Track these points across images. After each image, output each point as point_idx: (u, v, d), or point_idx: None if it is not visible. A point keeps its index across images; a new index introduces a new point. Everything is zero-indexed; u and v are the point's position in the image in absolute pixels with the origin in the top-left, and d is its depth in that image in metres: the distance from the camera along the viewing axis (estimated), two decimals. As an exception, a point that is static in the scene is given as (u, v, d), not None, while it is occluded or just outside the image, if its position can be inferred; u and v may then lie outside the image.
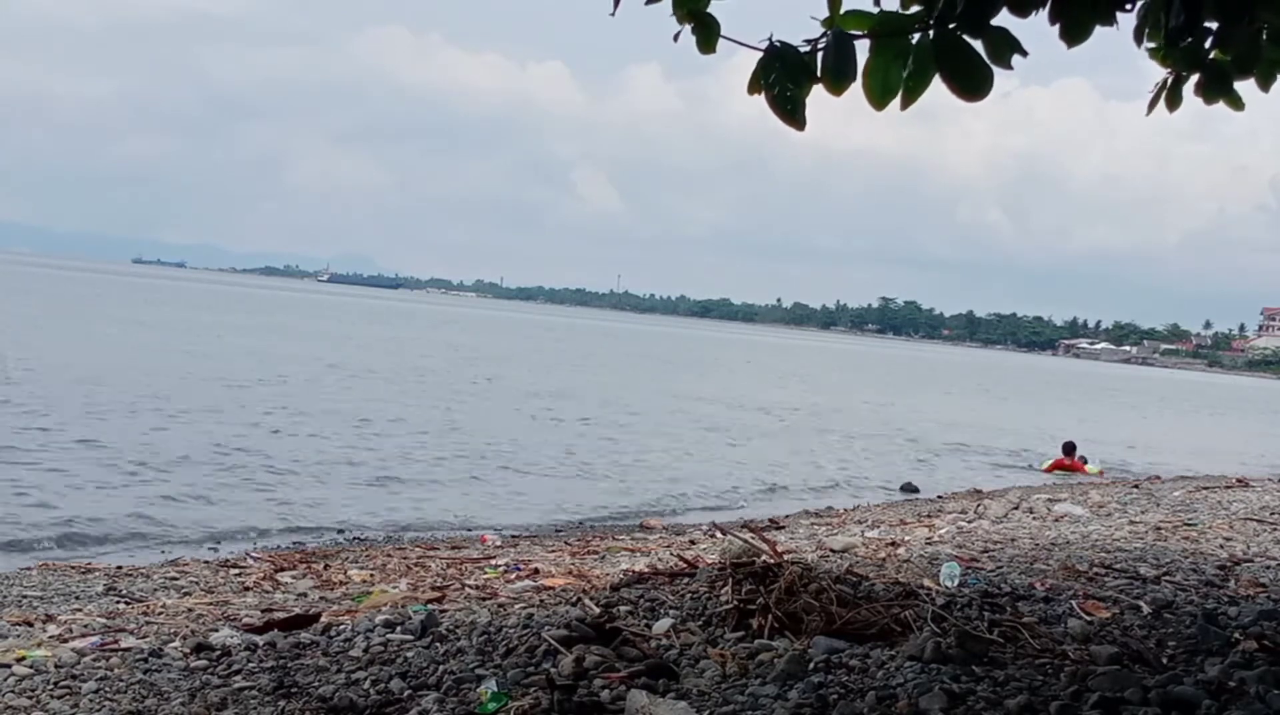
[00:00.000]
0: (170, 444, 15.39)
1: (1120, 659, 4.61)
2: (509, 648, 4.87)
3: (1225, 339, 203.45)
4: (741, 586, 5.28)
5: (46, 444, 14.66)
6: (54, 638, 5.85)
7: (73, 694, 4.52)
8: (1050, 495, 13.94)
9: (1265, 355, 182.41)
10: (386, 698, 4.35)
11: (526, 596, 6.67)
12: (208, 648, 5.21)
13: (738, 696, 4.17)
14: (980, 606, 5.46)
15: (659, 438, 22.11)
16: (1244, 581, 6.94)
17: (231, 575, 8.50)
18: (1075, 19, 3.26)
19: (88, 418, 17.31)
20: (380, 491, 13.78)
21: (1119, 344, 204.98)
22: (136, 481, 12.82)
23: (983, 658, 4.52)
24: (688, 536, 11.18)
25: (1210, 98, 3.78)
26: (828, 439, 24.76)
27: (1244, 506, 12.28)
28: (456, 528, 11.84)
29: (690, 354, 70.93)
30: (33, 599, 7.43)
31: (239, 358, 32.48)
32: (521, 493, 14.63)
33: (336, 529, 11.30)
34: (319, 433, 18.15)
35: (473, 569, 8.70)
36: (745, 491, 16.22)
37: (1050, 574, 6.97)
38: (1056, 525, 10.72)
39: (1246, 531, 9.90)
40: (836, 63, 3.09)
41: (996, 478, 19.92)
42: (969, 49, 3.03)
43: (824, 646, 4.64)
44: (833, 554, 8.37)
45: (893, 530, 10.99)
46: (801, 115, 3.18)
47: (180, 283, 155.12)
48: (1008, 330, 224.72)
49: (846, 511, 14.19)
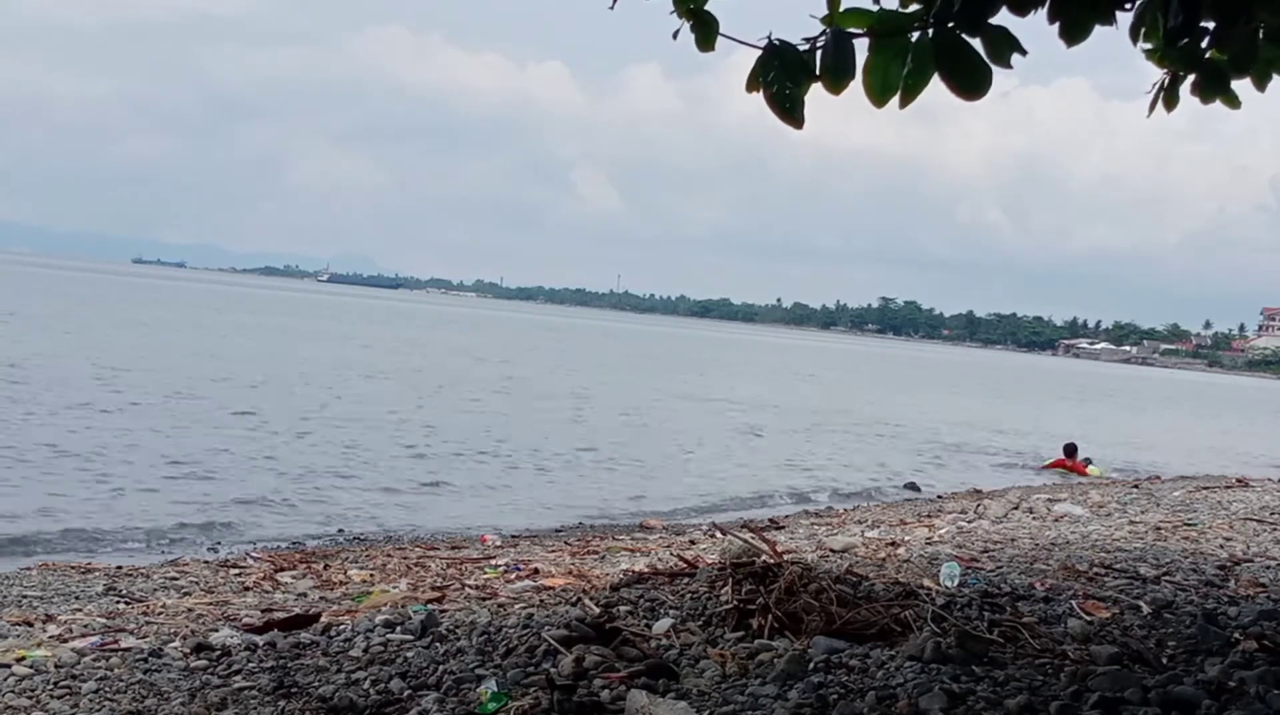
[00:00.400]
0: (176, 444, 15.45)
1: (1120, 659, 4.61)
2: (509, 648, 4.87)
3: (1225, 339, 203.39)
4: (741, 586, 5.28)
5: (55, 442, 14.73)
6: (54, 638, 5.85)
7: (73, 694, 4.52)
8: (1050, 495, 13.94)
9: (1265, 355, 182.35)
10: (386, 698, 4.35)
11: (526, 596, 6.67)
12: (208, 648, 5.21)
13: (738, 696, 4.17)
14: (980, 606, 5.46)
15: (676, 438, 22.34)
16: (1244, 581, 6.94)
17: (231, 575, 8.50)
18: (1074, 18, 3.25)
19: (91, 418, 17.33)
20: (417, 495, 13.86)
21: (1119, 344, 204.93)
22: (138, 481, 12.83)
23: (983, 658, 4.52)
24: (688, 536, 11.17)
25: (1207, 97, 3.78)
26: (829, 439, 24.77)
27: (1244, 506, 12.28)
28: (477, 529, 11.86)
29: (697, 354, 71.08)
30: (33, 599, 7.43)
31: (258, 359, 32.45)
32: (559, 489, 14.94)
33: (337, 529, 11.31)
34: (353, 435, 18.28)
35: (473, 569, 8.70)
36: (747, 492, 16.24)
37: (1050, 574, 6.96)
38: (1056, 525, 10.72)
39: (1246, 531, 9.90)
40: (835, 61, 3.09)
41: (996, 478, 19.91)
42: (968, 48, 3.03)
43: (824, 646, 4.64)
44: (833, 554, 8.37)
45: (893, 530, 10.99)
46: (800, 113, 3.18)
47: (181, 283, 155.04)
48: (1008, 330, 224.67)
49: (846, 511, 14.19)
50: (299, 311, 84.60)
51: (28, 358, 25.22)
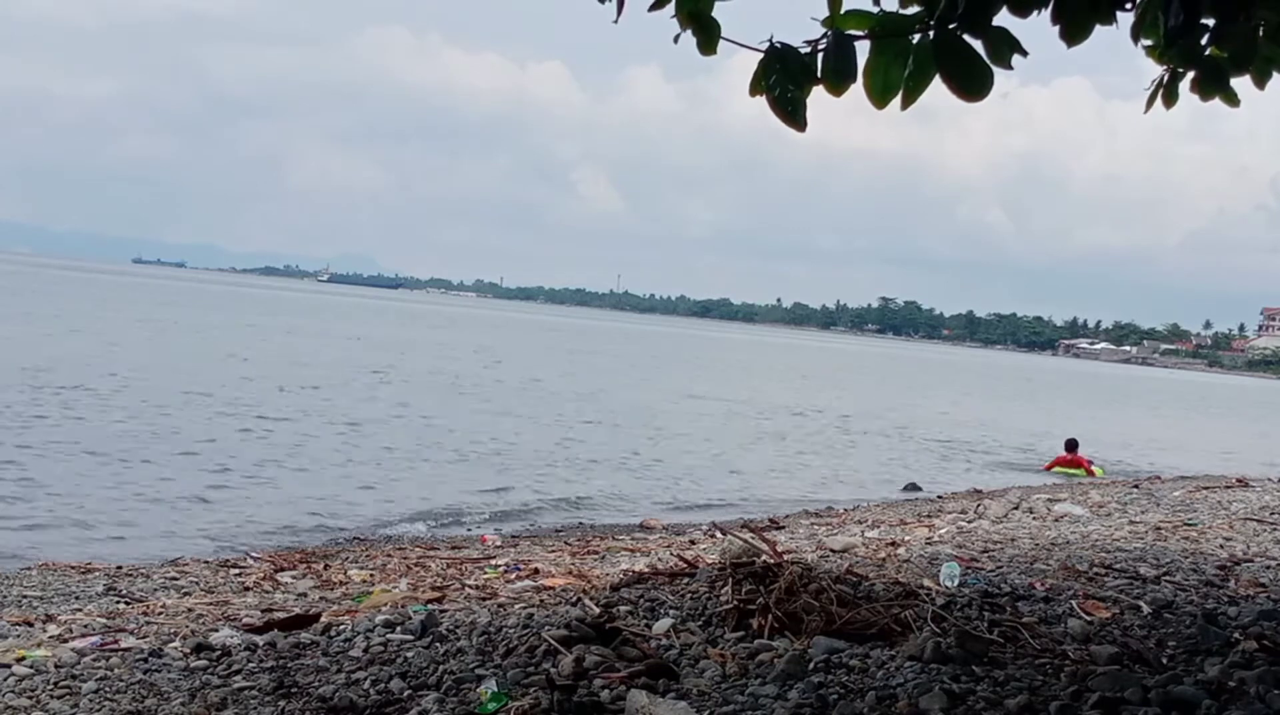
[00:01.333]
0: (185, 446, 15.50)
1: (1120, 659, 4.61)
2: (509, 648, 4.87)
3: (1225, 339, 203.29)
4: (741, 586, 5.28)
5: (63, 439, 14.83)
6: (54, 638, 5.85)
7: (73, 694, 4.52)
8: (1050, 495, 13.94)
9: (1265, 355, 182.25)
10: (386, 698, 4.35)
11: (526, 596, 6.67)
12: (208, 648, 5.21)
13: (738, 696, 4.17)
14: (980, 606, 5.46)
15: (678, 438, 22.47)
16: (1244, 581, 6.94)
17: (231, 575, 8.50)
18: (1075, 19, 3.25)
19: (95, 418, 17.32)
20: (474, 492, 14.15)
21: (1119, 344, 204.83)
22: (138, 482, 12.83)
23: (983, 658, 4.52)
24: (688, 536, 11.18)
25: (1206, 94, 3.78)
26: (831, 439, 24.77)
27: (1244, 506, 12.27)
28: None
29: (705, 355, 71.19)
30: (33, 599, 7.44)
31: (280, 363, 32.45)
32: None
33: (337, 529, 11.31)
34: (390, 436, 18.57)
35: (473, 569, 8.70)
36: (748, 492, 16.26)
37: (1050, 574, 6.96)
38: (1056, 525, 10.72)
39: (1246, 531, 9.89)
40: (837, 63, 3.09)
41: (996, 478, 19.91)
42: (969, 49, 3.03)
43: (824, 646, 4.64)
44: (833, 554, 8.37)
45: (893, 530, 10.99)
46: (802, 116, 3.18)
47: (182, 283, 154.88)
48: (1008, 330, 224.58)
49: (846, 511, 14.19)
50: (309, 313, 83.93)
51: (52, 359, 25.12)
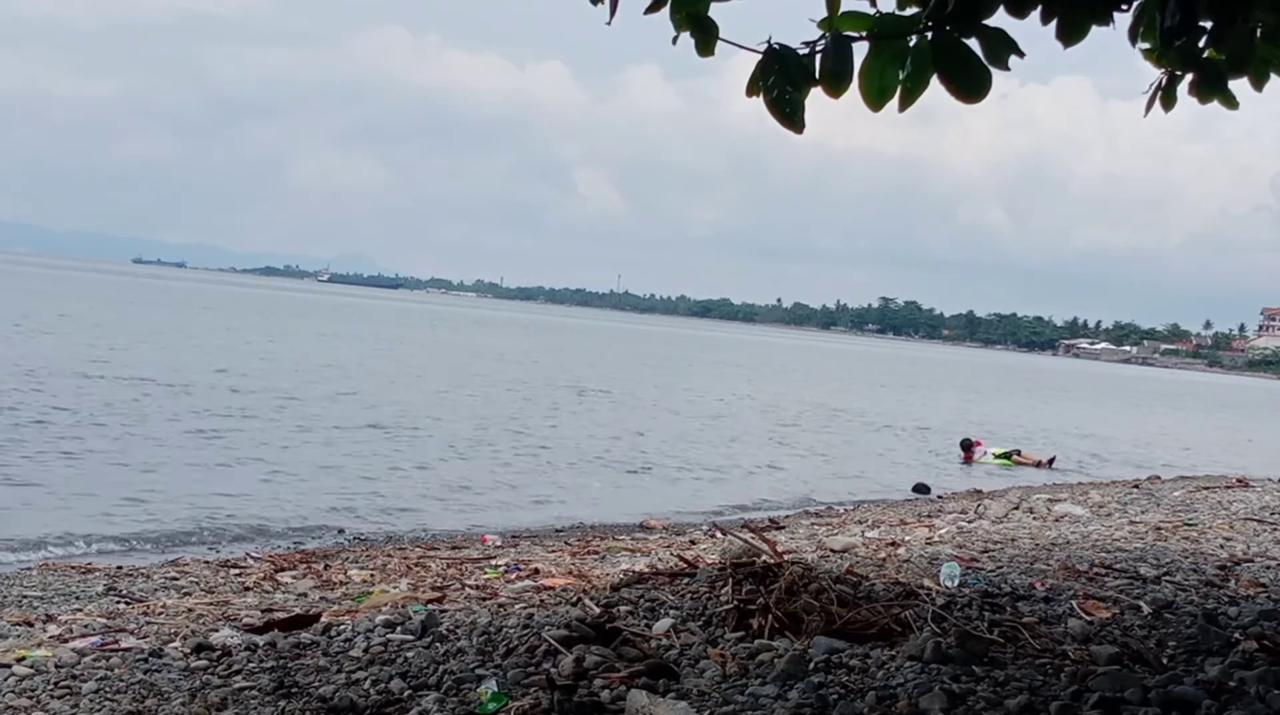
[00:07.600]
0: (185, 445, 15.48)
1: (1120, 659, 4.61)
2: (509, 648, 4.87)
3: (1225, 339, 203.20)
4: (741, 586, 5.28)
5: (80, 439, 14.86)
6: (54, 638, 5.86)
7: (73, 694, 4.52)
8: (1050, 495, 13.95)
9: (1265, 355, 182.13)
10: (386, 698, 4.35)
11: (526, 596, 6.68)
12: (208, 648, 5.21)
13: (738, 696, 4.17)
14: (980, 606, 5.46)
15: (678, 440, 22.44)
16: (1244, 581, 6.94)
17: (231, 575, 8.51)
18: (1072, 19, 3.25)
19: (95, 418, 17.33)
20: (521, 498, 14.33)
21: (1119, 344, 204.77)
22: (137, 482, 12.83)
23: (983, 658, 4.52)
24: (688, 536, 11.18)
25: (1204, 97, 3.78)
26: (832, 439, 24.76)
27: (1244, 506, 12.27)
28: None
29: (698, 355, 71.08)
30: (33, 599, 7.44)
31: (299, 366, 32.43)
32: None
33: (337, 529, 11.31)
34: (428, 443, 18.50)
35: (473, 569, 8.71)
36: (748, 491, 16.26)
37: (1050, 574, 6.96)
38: (1056, 525, 10.72)
39: (1246, 531, 9.89)
40: (835, 65, 3.09)
41: (996, 478, 19.91)
42: (967, 50, 3.03)
43: (824, 646, 4.64)
44: (833, 554, 8.37)
45: (893, 530, 10.99)
46: (800, 118, 3.17)
47: (184, 283, 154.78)
48: (1008, 330, 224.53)
49: (846, 511, 14.21)
50: (314, 314, 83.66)
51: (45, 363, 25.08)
